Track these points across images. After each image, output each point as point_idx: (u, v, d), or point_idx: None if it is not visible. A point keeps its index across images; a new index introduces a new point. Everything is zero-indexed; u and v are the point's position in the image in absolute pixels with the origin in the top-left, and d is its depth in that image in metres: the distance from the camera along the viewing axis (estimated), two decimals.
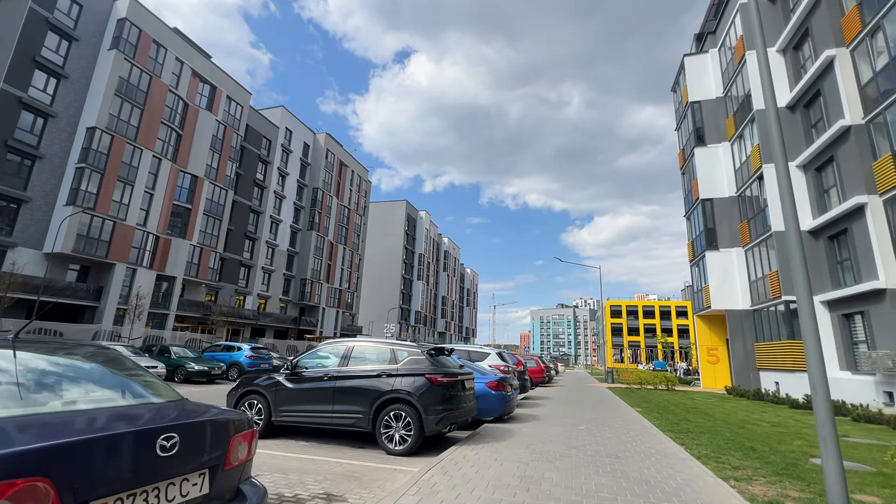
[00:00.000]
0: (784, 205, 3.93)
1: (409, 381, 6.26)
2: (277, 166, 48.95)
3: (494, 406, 8.34)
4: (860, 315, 16.34)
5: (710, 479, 4.78)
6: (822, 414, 3.33)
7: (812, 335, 3.53)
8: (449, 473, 4.73)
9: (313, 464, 5.34)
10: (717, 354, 25.51)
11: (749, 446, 6.69)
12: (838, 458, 3.22)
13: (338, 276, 58.40)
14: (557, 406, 11.97)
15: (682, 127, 28.59)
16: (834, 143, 17.35)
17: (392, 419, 6.15)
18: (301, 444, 6.59)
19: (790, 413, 12.38)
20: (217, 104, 38.91)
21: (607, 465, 5.32)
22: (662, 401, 14.86)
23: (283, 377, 6.98)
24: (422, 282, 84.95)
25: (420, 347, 6.71)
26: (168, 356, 17.21)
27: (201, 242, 36.69)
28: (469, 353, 11.55)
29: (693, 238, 26.63)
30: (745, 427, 8.91)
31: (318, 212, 54.19)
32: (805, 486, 4.60)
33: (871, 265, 15.39)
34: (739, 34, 22.76)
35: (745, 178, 22.50)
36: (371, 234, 76.43)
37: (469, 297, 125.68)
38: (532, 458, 5.54)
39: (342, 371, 6.66)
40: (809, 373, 3.46)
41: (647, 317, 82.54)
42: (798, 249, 3.81)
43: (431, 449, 6.37)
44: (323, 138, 56.90)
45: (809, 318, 3.59)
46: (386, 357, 6.67)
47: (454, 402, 6.34)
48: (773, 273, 19.72)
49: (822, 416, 3.33)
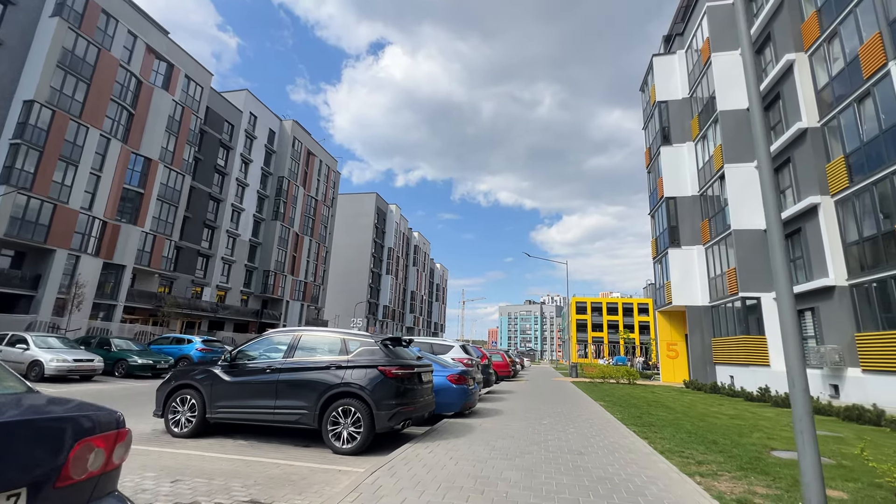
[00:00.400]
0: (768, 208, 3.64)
1: (361, 373, 5.74)
2: (240, 152, 46.82)
3: (455, 400, 7.94)
4: (810, 311, 16.96)
5: (675, 475, 4.52)
6: (800, 408, 3.05)
7: (792, 329, 3.25)
8: (397, 475, 4.26)
9: (246, 466, 4.75)
10: (676, 349, 26.17)
11: (711, 439, 6.55)
12: (816, 454, 2.95)
13: (303, 268, 56.69)
14: (521, 400, 11.72)
15: (650, 126, 29.08)
16: (791, 144, 17.91)
17: (340, 415, 5.61)
18: (239, 443, 5.95)
19: (746, 406, 12.63)
20: (174, 83, 36.64)
21: (570, 462, 4.99)
22: (625, 394, 14.93)
23: (221, 370, 6.30)
24: (391, 276, 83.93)
25: (374, 337, 6.19)
26: (108, 349, 15.87)
27: (155, 230, 34.56)
28: (432, 346, 11.11)
29: (657, 236, 27.16)
30: (705, 420, 8.89)
31: (283, 201, 52.30)
32: (771, 481, 4.41)
33: (822, 263, 15.97)
34: (706, 36, 23.21)
35: (708, 178, 23.05)
36: (339, 227, 74.68)
37: (438, 293, 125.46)
38: (491, 456, 5.15)
39: (287, 363, 6.05)
40: (788, 367, 3.19)
41: (611, 313, 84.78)
42: (781, 253, 3.53)
43: (383, 447, 5.89)
44: (290, 125, 54.91)
45: (790, 313, 3.32)
46: (336, 347, 6.11)
47: (409, 397, 5.86)
48: (732, 270, 20.28)
49: (799, 410, 3.05)
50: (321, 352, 6.14)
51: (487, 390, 14.15)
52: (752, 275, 19.22)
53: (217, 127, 43.60)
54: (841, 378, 14.91)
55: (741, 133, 20.95)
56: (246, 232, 47.93)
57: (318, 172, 61.56)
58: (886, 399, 12.96)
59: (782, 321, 3.26)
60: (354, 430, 5.53)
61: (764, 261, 19.23)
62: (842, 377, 14.86)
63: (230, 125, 45.83)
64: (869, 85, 14.24)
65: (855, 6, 14.92)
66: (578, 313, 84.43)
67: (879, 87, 13.90)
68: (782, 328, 3.25)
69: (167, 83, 36.09)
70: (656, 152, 27.09)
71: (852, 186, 14.90)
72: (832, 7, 16.09)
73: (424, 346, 10.88)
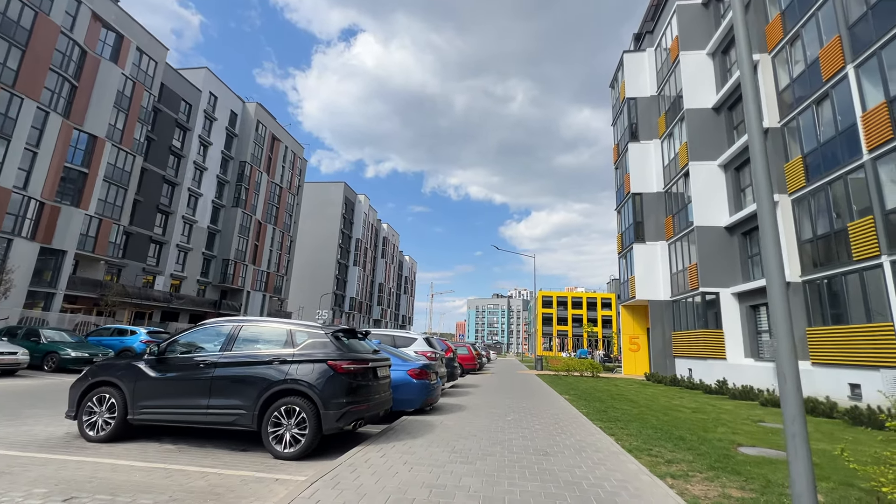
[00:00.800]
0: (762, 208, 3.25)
1: (308, 368, 5.13)
2: (199, 134, 44.28)
3: (415, 396, 7.45)
4: (765, 306, 17.52)
5: (646, 477, 4.20)
6: (793, 407, 2.71)
7: (784, 323, 2.92)
8: (341, 485, 3.73)
9: (165, 476, 4.08)
10: (638, 343, 26.72)
11: (678, 435, 6.36)
12: (808, 460, 2.62)
13: (266, 257, 54.60)
14: (486, 395, 11.38)
15: (619, 122, 29.36)
16: None
17: (283, 415, 5.00)
18: (165, 447, 5.23)
19: (706, 399, 12.79)
20: (124, 56, 34.01)
21: (535, 464, 4.60)
22: (589, 388, 14.91)
23: (146, 364, 5.53)
24: (358, 267, 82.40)
25: (325, 329, 5.58)
26: (36, 340, 14.39)
27: (101, 213, 32.11)
28: (394, 338, 10.57)
29: (622, 231, 27.54)
30: (668, 414, 8.80)
31: (244, 187, 50.02)
32: (743, 482, 4.16)
33: None
34: (675, 35, 23.48)
35: (673, 175, 23.46)
36: (305, 216, 72.45)
37: (407, 285, 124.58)
38: (450, 459, 4.69)
39: (224, 357, 5.36)
40: (779, 362, 2.86)
41: (576, 307, 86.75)
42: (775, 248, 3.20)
43: (332, 449, 5.33)
44: (253, 108, 52.45)
45: (782, 307, 2.98)
46: (281, 339, 5.47)
47: (362, 394, 5.31)
48: (693, 266, 20.72)
49: (791, 410, 2.71)
50: (264, 344, 5.48)
51: (452, 384, 13.77)
52: (713, 271, 19.69)
53: (173, 106, 40.99)
54: None
55: (706, 131, 21.35)
56: (204, 218, 45.54)
57: (284, 159, 59.27)
58: (831, 390, 13.49)
59: (774, 314, 2.94)
60: (298, 431, 4.93)
61: (724, 257, 19.74)
62: None
63: (188, 105, 43.22)
64: (827, 87, 14.64)
65: (817, 9, 15.28)
66: (545, 307, 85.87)
67: (837, 89, 14.30)
68: (774, 322, 2.93)
69: (116, 55, 33.45)
70: (624, 149, 27.38)
71: (808, 186, 15.36)
72: (795, 10, 16.47)
73: (385, 338, 10.33)
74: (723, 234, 19.95)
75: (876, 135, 12.55)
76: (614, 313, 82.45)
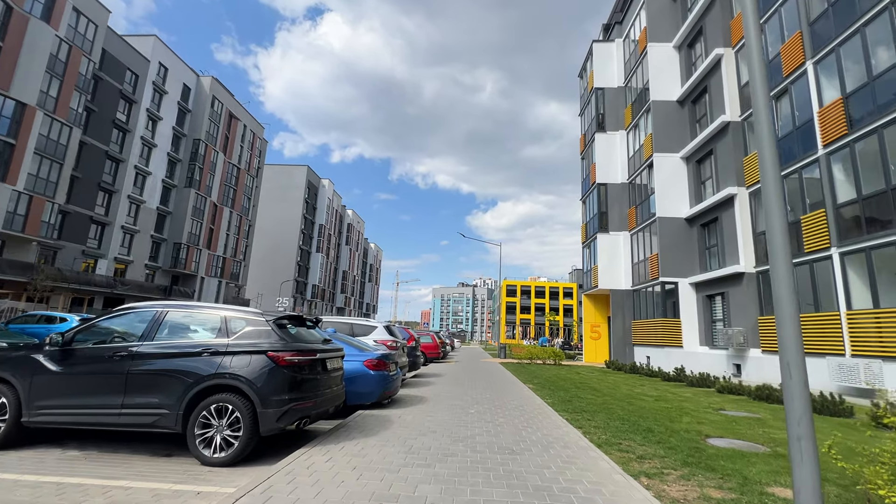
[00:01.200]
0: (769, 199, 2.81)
1: (244, 360, 4.46)
2: (147, 107, 41.10)
3: (372, 389, 6.89)
4: (720, 296, 18.04)
5: (619, 478, 3.85)
6: (798, 406, 2.34)
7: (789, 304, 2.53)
8: (274, 498, 3.14)
9: (56, 494, 3.35)
10: (599, 331, 27.20)
11: (645, 427, 6.15)
12: (816, 469, 2.27)
13: (222, 242, 51.95)
14: (449, 385, 10.97)
15: (586, 112, 29.42)
16: (714, 137, 18.67)
17: (213, 415, 4.31)
18: (69, 455, 4.43)
19: (665, 386, 12.94)
20: (58, 16, 30.78)
21: (500, 465, 4.17)
22: (552, 376, 14.83)
23: (46, 356, 4.67)
24: (321, 254, 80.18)
25: (266, 315, 4.90)
26: None
27: (31, 189, 29.20)
28: (352, 327, 9.93)
29: (587, 221, 27.77)
30: (632, 403, 8.68)
31: (199, 167, 47.10)
32: (720, 480, 3.90)
33: (735, 251, 16.90)
34: (643, 26, 23.54)
35: (637, 166, 23.72)
36: (266, 200, 69.49)
37: (372, 273, 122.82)
38: (406, 462, 4.17)
39: (144, 347, 4.59)
40: (782, 352, 2.48)
41: (539, 296, 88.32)
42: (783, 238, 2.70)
43: (274, 451, 4.70)
44: (209, 82, 49.25)
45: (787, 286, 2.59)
46: (214, 328, 4.75)
47: (308, 389, 4.69)
48: (654, 256, 21.09)
49: (797, 409, 2.34)
50: (193, 333, 4.75)
51: (414, 374, 13.30)
52: (672, 261, 20.09)
53: (117, 75, 37.73)
54: (743, 358, 15.97)
55: (670, 124, 21.62)
56: (153, 199, 42.58)
57: (242, 138, 56.27)
58: (777, 376, 14.05)
59: (779, 297, 2.55)
60: (231, 433, 4.27)
61: (683, 248, 20.17)
62: (744, 357, 15.92)
63: (134, 75, 39.93)
64: (787, 83, 14.95)
65: (780, 5, 15.51)
66: (509, 296, 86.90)
67: (796, 85, 14.62)
68: (778, 305, 2.55)
69: (48, 14, 30.21)
70: (591, 139, 27.48)
71: None
72: (759, 5, 16.69)
73: (342, 326, 9.68)
74: (683, 225, 20.37)
75: (831, 130, 12.90)
76: (575, 302, 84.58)
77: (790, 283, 2.52)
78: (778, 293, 2.55)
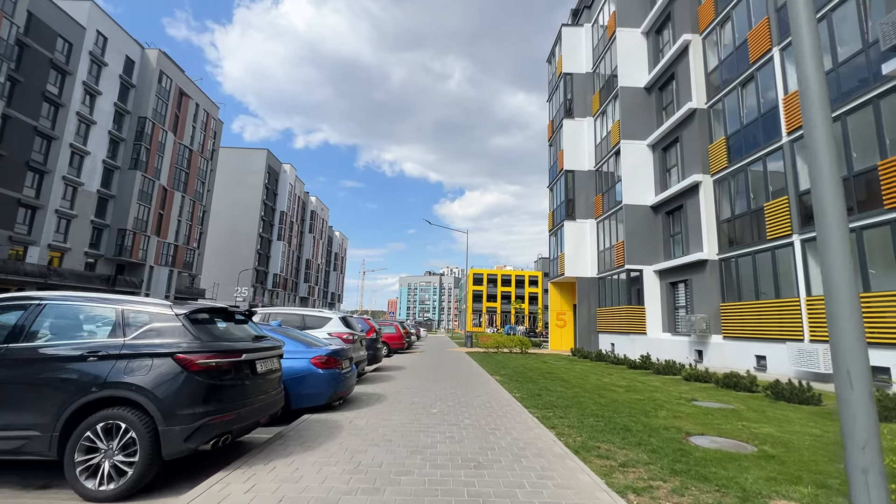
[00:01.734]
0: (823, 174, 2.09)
1: (142, 365, 3.53)
2: (83, 80, 37.50)
3: (321, 390, 6.06)
4: (684, 283, 18.18)
5: (605, 496, 3.25)
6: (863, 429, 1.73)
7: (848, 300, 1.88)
8: None
9: None
10: (564, 319, 27.23)
11: (622, 424, 5.66)
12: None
13: (173, 228, 48.76)
14: (411, 379, 10.26)
15: (554, 98, 29.04)
16: (680, 124, 18.62)
17: (100, 436, 3.38)
18: None
19: (633, 374, 12.75)
20: None
21: (464, 485, 3.48)
22: (519, 366, 14.42)
23: None
24: (283, 242, 77.23)
25: (176, 308, 3.95)
26: None
27: None
28: (304, 318, 8.99)
29: (554, 208, 27.57)
30: (603, 395, 8.27)
31: (145, 147, 43.71)
32: (718, 493, 3.37)
33: (699, 239, 16.98)
34: (612, 10, 23.21)
35: (604, 154, 23.58)
36: (222, 184, 65.86)
37: (337, 262, 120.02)
38: (349, 487, 3.41)
39: (10, 352, 3.58)
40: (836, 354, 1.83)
41: (505, 285, 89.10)
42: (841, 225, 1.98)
43: (186, 476, 3.82)
44: (155, 56, 45.56)
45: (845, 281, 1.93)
46: (105, 324, 3.77)
47: (229, 399, 3.81)
48: (620, 244, 21.07)
49: (861, 434, 1.72)
50: (79, 332, 3.76)
51: (375, 367, 12.50)
52: (638, 249, 20.11)
53: (46, 43, 34.08)
54: (705, 344, 16.13)
55: (637, 111, 21.49)
56: (92, 181, 39.17)
57: (194, 118, 52.75)
58: (739, 362, 14.24)
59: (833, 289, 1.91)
60: (124, 459, 3.35)
61: (648, 235, 20.22)
62: (706, 343, 16.08)
63: (67, 44, 36.23)
64: (753, 70, 14.92)
65: None
66: (475, 284, 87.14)
67: (762, 71, 14.59)
68: (831, 298, 1.91)
69: None
70: (559, 125, 27.15)
71: (730, 167, 15.79)
72: None
73: (293, 318, 8.73)
74: (648, 212, 20.39)
75: (796, 117, 12.91)
76: (540, 291, 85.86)
77: (847, 265, 1.88)
78: (831, 280, 1.90)
